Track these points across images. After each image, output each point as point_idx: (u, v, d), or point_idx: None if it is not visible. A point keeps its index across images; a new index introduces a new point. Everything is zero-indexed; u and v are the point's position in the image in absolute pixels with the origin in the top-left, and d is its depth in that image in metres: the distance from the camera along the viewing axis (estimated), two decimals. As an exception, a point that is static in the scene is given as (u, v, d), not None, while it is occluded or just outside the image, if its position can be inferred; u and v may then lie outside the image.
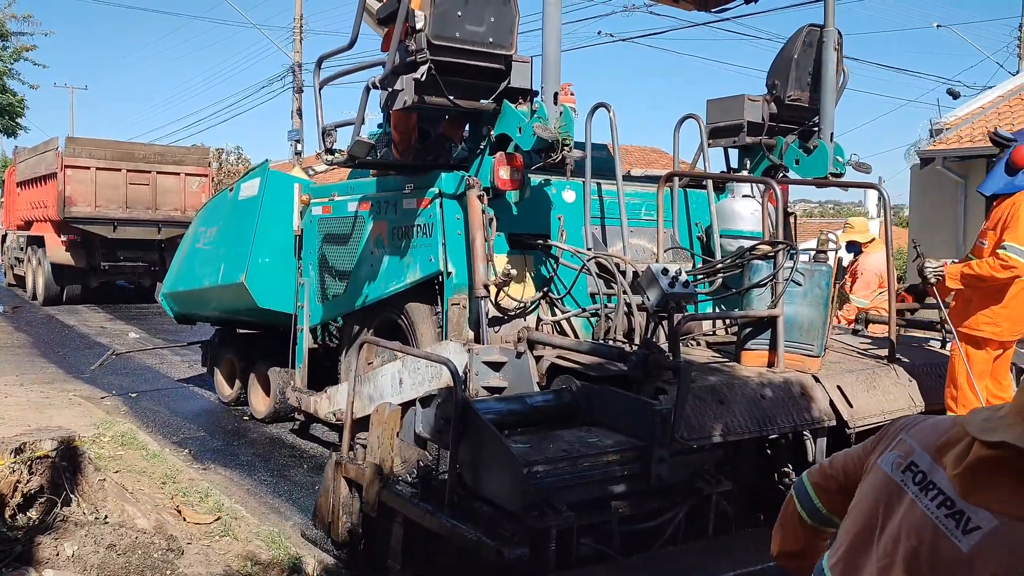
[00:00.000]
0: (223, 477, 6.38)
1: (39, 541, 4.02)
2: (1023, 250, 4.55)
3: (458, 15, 4.88)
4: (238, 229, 7.43)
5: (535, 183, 5.71)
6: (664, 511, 4.10)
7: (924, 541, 1.58)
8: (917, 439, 1.72)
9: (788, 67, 6.25)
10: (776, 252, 4.77)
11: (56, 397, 8.38)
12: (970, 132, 14.10)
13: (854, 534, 1.75)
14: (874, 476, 1.76)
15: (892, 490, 1.69)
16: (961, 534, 1.53)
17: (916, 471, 1.66)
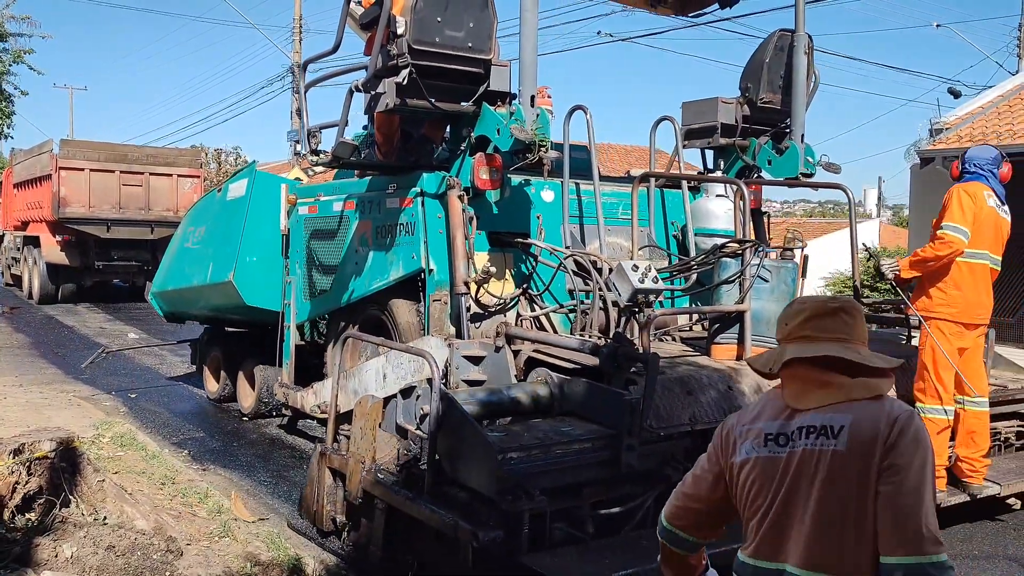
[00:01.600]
0: (222, 478, 6.36)
1: (38, 542, 4.03)
2: (958, 227, 4.92)
3: (438, 21, 5.05)
4: (226, 228, 7.57)
5: (515, 183, 5.89)
6: (634, 497, 4.29)
7: (820, 469, 1.93)
8: (750, 423, 2.08)
9: (760, 71, 6.46)
10: (744, 250, 4.96)
11: (55, 398, 8.41)
12: (970, 132, 13.98)
13: (761, 517, 2.02)
14: (747, 470, 2.05)
15: (770, 463, 2.01)
16: (834, 441, 1.93)
17: (772, 437, 2.02)
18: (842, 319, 2.04)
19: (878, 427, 1.89)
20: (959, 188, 5.05)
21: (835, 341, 2.00)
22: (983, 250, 5.02)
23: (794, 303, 2.18)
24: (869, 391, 1.96)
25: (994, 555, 5.03)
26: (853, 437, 1.90)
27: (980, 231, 4.97)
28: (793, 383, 2.04)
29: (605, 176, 6.92)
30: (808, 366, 2.01)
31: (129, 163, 17.62)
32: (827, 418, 1.94)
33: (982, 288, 5.05)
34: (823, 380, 1.99)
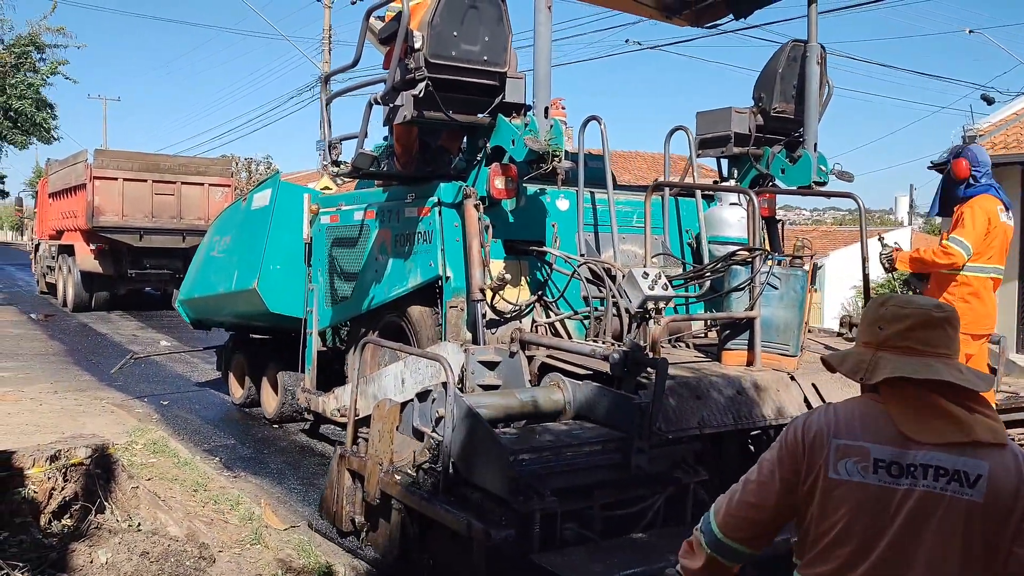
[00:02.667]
0: (253, 485, 6.47)
1: (73, 548, 4.09)
2: (963, 242, 5.02)
3: (454, 35, 5.20)
4: (251, 237, 7.77)
5: (530, 192, 6.01)
6: (644, 499, 4.39)
7: (948, 517, 1.79)
8: (849, 439, 1.88)
9: (773, 81, 6.55)
10: (753, 257, 5.05)
11: (89, 405, 8.56)
12: (1004, 139, 13.88)
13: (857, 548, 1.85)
14: (845, 491, 1.86)
15: (881, 494, 1.84)
16: (971, 491, 1.78)
17: (883, 465, 1.84)
18: (947, 332, 1.90)
19: (1017, 482, 1.79)
20: (978, 205, 5.10)
21: (941, 358, 1.87)
22: (993, 264, 5.09)
23: (888, 303, 1.98)
24: (994, 435, 1.84)
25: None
26: (992, 490, 1.78)
27: (991, 246, 5.05)
28: (903, 406, 1.87)
29: (620, 185, 7.04)
30: (915, 386, 1.86)
31: (161, 172, 17.99)
32: (961, 461, 1.80)
33: (989, 300, 5.13)
34: (941, 409, 1.85)
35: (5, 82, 17.26)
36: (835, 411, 1.95)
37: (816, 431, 1.92)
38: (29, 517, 4.51)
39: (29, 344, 13.19)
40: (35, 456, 4.79)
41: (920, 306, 1.95)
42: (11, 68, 17.44)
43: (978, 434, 1.82)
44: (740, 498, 2.03)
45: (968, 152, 5.19)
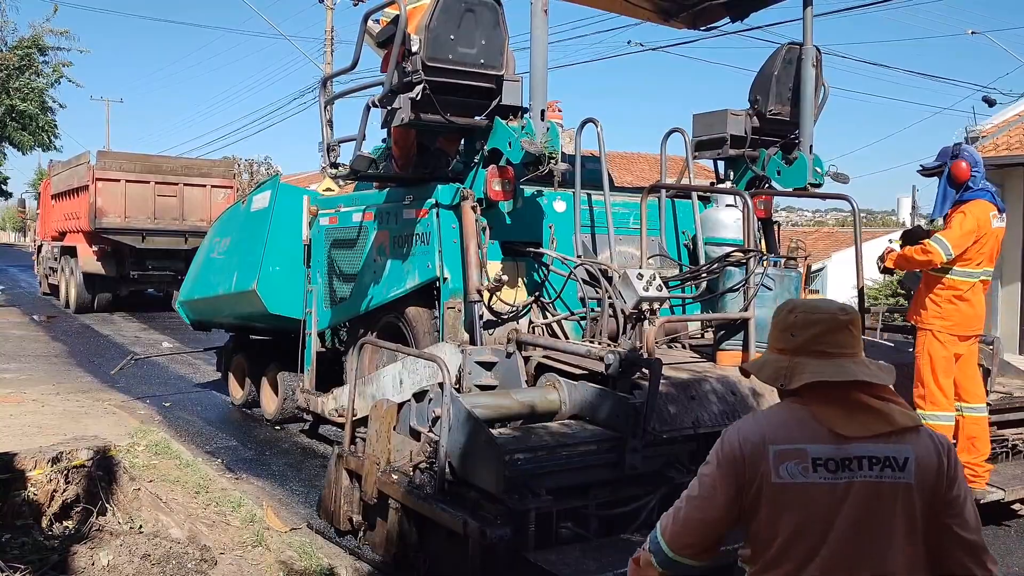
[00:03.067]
0: (255, 487, 6.46)
1: (75, 550, 4.06)
2: (944, 243, 5.04)
3: (451, 38, 5.24)
4: (250, 239, 7.81)
5: (528, 194, 6.05)
6: (638, 498, 4.43)
7: (894, 501, 1.93)
8: (786, 443, 1.96)
9: (769, 83, 6.59)
10: (748, 259, 5.09)
11: (91, 406, 8.54)
12: (1007, 140, 13.89)
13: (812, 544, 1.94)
14: (790, 494, 1.95)
15: (825, 491, 1.94)
16: (902, 474, 1.94)
17: (821, 463, 1.94)
18: (853, 333, 2.03)
19: (937, 460, 1.96)
20: (971, 211, 5.11)
21: (850, 357, 2.00)
22: (983, 268, 5.13)
23: (796, 310, 2.10)
24: (912, 420, 2.00)
25: (1002, 562, 5.11)
26: (919, 470, 1.94)
27: (981, 252, 5.08)
28: (828, 406, 1.98)
29: (617, 187, 7.08)
30: (834, 386, 1.97)
31: (164, 174, 18.05)
32: (890, 449, 1.94)
33: (978, 303, 5.17)
34: (863, 404, 1.98)
35: (9, 84, 17.29)
36: (766, 419, 2.05)
37: (754, 441, 1.99)
38: (31, 519, 4.51)
39: (31, 345, 13.23)
40: (37, 458, 4.78)
41: (827, 311, 2.07)
42: (15, 70, 17.46)
43: (899, 421, 1.97)
44: (686, 515, 2.08)
45: (965, 153, 5.21)
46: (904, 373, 5.34)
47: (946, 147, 5.29)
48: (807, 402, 2.00)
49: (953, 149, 5.23)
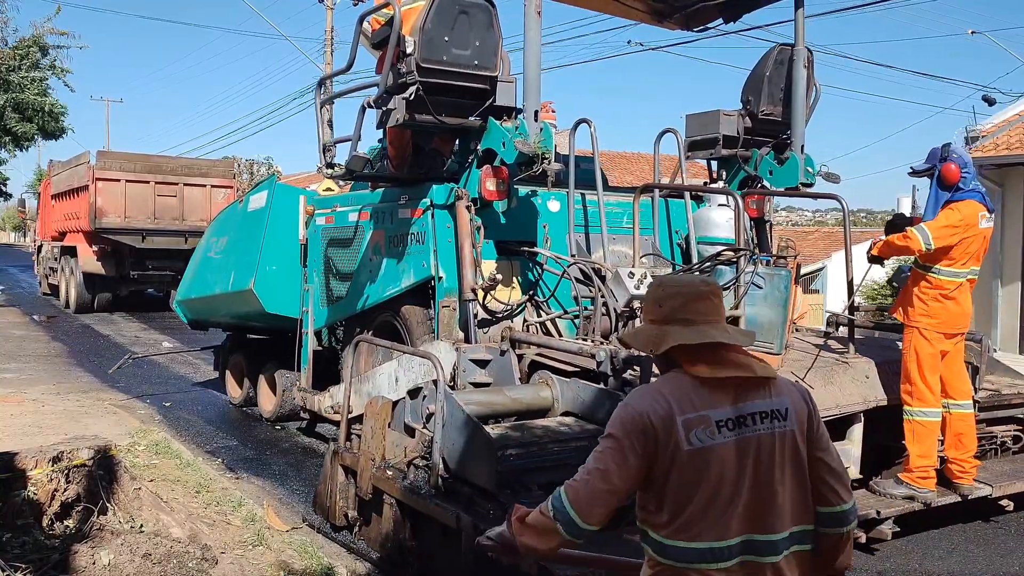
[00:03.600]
0: (256, 487, 6.45)
1: (76, 549, 4.06)
2: (925, 232, 5.08)
3: (445, 40, 5.31)
4: (247, 239, 7.87)
5: (522, 194, 6.12)
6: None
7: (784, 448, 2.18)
8: (690, 412, 2.14)
9: (760, 84, 6.66)
10: (738, 257, 5.16)
11: (92, 406, 8.55)
12: (1007, 139, 13.86)
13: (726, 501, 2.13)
14: (701, 458, 2.12)
15: (732, 449, 2.15)
16: (786, 423, 2.19)
17: (723, 423, 2.15)
18: (714, 302, 2.25)
19: (806, 404, 2.26)
20: (959, 209, 5.13)
21: (712, 324, 2.22)
22: (969, 268, 5.18)
23: (664, 284, 2.34)
24: (770, 372, 2.24)
25: (991, 555, 5.17)
26: (796, 417, 2.21)
27: (967, 252, 5.12)
28: (711, 366, 2.17)
29: (611, 187, 7.15)
30: (710, 351, 2.18)
31: (164, 174, 18.03)
32: (774, 402, 2.20)
33: (964, 301, 5.22)
34: (739, 363, 2.20)
35: (10, 77, 17.28)
36: (668, 391, 2.20)
37: (661, 413, 2.14)
38: (31, 518, 4.51)
39: (32, 345, 13.26)
40: (37, 457, 4.78)
41: (689, 283, 2.33)
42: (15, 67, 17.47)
43: (766, 373, 2.22)
44: (595, 487, 2.19)
45: (954, 155, 5.23)
46: (893, 369, 5.43)
47: (935, 148, 5.31)
48: (689, 370, 2.19)
49: (942, 151, 5.26)
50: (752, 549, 2.16)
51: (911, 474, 5.14)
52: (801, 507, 2.22)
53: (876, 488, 5.17)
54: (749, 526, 2.16)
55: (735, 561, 2.15)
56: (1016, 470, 5.80)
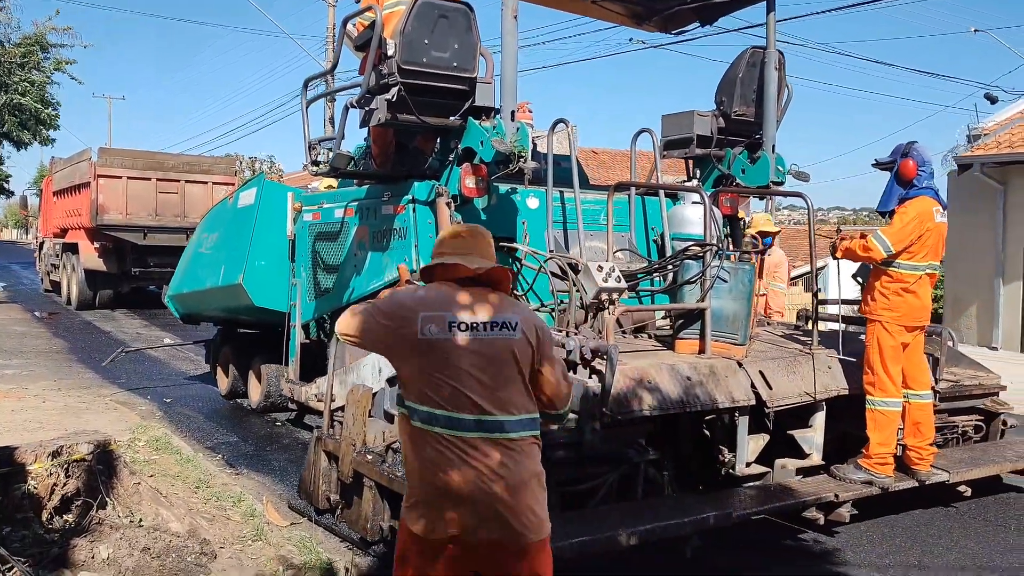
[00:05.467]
0: (255, 482, 6.53)
1: (75, 543, 4.08)
2: (884, 240, 5.30)
3: (425, 43, 5.51)
4: (237, 234, 8.08)
5: (502, 191, 6.32)
6: (597, 475, 4.72)
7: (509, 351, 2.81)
8: (432, 310, 2.82)
9: (733, 85, 6.87)
10: (704, 252, 5.37)
11: (93, 402, 8.60)
12: (1009, 138, 13.94)
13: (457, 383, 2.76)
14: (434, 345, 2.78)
15: (452, 344, 2.78)
16: (514, 332, 2.84)
17: (456, 324, 2.79)
18: (466, 240, 2.98)
19: (532, 325, 2.88)
20: (913, 207, 5.35)
21: (462, 255, 2.91)
22: (927, 262, 5.39)
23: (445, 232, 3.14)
24: (509, 298, 2.94)
25: (949, 539, 5.40)
26: (523, 330, 2.84)
27: (925, 245, 5.34)
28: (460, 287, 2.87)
29: (590, 185, 7.36)
30: (452, 270, 2.90)
31: (165, 171, 18.12)
32: (505, 316, 2.84)
33: (924, 295, 5.43)
34: (474, 280, 2.90)
35: (10, 79, 17.42)
36: (423, 293, 2.92)
37: (410, 306, 2.85)
38: (31, 512, 4.54)
39: (33, 342, 13.38)
40: (37, 452, 4.80)
41: (453, 227, 3.25)
42: (16, 66, 17.61)
43: (503, 297, 2.91)
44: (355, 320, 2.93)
45: (915, 153, 5.44)
46: (857, 362, 5.65)
47: (900, 144, 5.54)
48: (447, 285, 2.90)
49: (905, 147, 5.48)
50: (481, 427, 2.74)
51: (870, 460, 5.37)
52: (515, 402, 2.80)
53: (836, 473, 5.39)
54: (472, 407, 2.75)
55: (464, 432, 2.74)
56: (974, 458, 6.04)
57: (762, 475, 5.34)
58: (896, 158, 5.48)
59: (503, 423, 2.77)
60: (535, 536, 2.81)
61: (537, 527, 2.81)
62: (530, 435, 2.85)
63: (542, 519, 2.84)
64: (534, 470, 2.84)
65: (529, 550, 2.82)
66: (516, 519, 2.75)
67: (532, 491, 2.81)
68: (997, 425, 6.56)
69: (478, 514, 2.74)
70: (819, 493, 5.15)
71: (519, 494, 2.77)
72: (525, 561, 2.83)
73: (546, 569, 2.89)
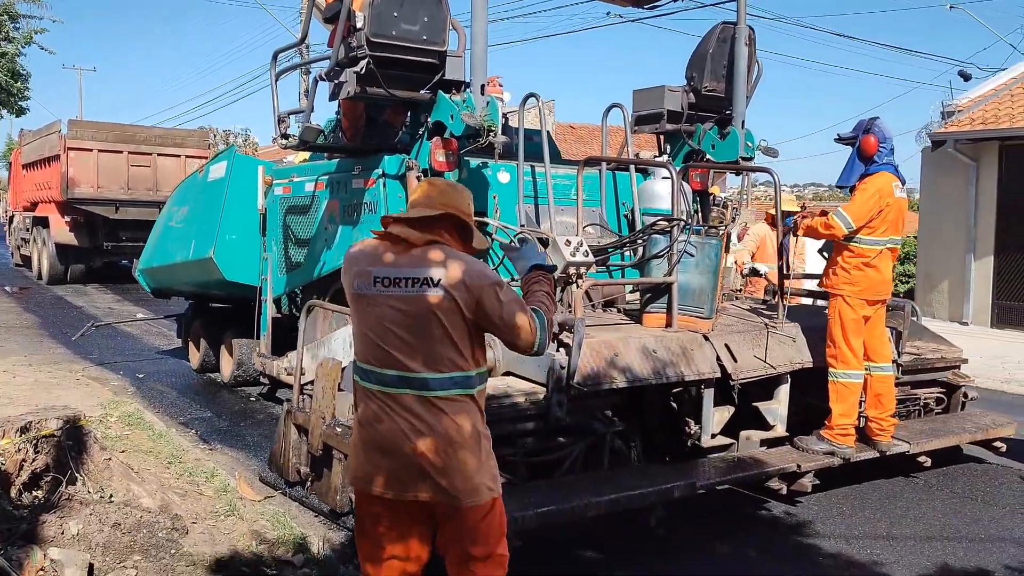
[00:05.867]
0: (229, 457, 6.47)
1: (44, 519, 4.03)
2: (845, 217, 5.39)
3: (394, 15, 5.49)
4: (207, 208, 8.03)
5: (473, 165, 6.33)
6: (563, 447, 4.79)
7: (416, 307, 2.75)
8: (363, 265, 2.84)
9: (704, 61, 6.90)
10: (671, 227, 5.42)
11: (64, 378, 8.52)
12: (982, 115, 14.04)
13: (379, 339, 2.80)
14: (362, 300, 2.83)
15: (370, 299, 2.80)
16: (433, 287, 2.75)
17: (379, 279, 2.79)
18: (426, 193, 2.94)
19: (458, 279, 2.74)
20: (872, 184, 5.43)
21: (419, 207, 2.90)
22: (888, 236, 5.48)
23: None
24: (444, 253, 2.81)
25: (919, 511, 5.48)
26: (446, 285, 2.74)
27: (885, 220, 5.42)
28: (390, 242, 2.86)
29: (562, 160, 7.39)
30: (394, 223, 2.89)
31: (137, 144, 17.84)
32: (428, 271, 2.76)
33: (884, 269, 5.52)
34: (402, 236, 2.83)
35: None
36: (359, 249, 2.94)
37: (348, 258, 2.93)
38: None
39: (3, 317, 13.20)
40: (5, 427, 4.70)
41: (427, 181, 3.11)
42: None
43: (431, 251, 2.80)
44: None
45: (876, 129, 5.51)
46: (820, 334, 5.74)
47: (862, 120, 5.60)
48: (380, 239, 2.90)
49: (867, 123, 5.55)
50: (406, 383, 2.76)
51: (832, 431, 5.48)
52: (441, 358, 2.76)
53: (799, 444, 5.50)
54: (393, 361, 2.77)
55: (390, 388, 2.78)
56: (934, 429, 6.18)
57: (727, 446, 5.43)
58: (858, 134, 5.54)
59: (427, 380, 2.75)
60: (468, 500, 2.78)
61: (469, 490, 2.78)
62: (459, 393, 2.79)
63: (477, 483, 2.79)
64: (464, 429, 2.79)
65: (464, 514, 2.80)
66: (443, 478, 2.75)
67: (461, 451, 2.77)
68: (958, 398, 6.70)
69: (404, 471, 2.76)
70: (782, 464, 5.25)
71: (444, 453, 2.74)
72: (457, 524, 2.82)
73: (485, 537, 2.86)
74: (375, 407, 2.81)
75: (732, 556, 4.75)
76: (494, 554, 2.89)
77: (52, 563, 3.64)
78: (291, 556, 4.36)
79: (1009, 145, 13.67)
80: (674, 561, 4.66)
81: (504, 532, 2.95)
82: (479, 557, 2.86)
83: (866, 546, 4.87)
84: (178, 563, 4.03)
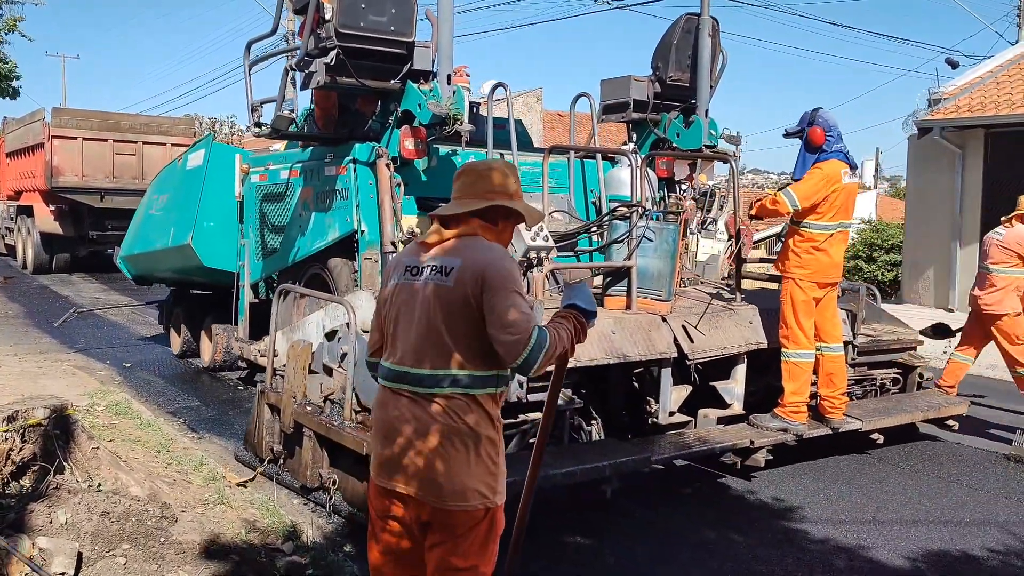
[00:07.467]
0: (217, 446, 6.43)
1: (32, 508, 4.00)
2: (791, 195, 5.61)
3: (362, 7, 5.65)
4: (186, 196, 8.18)
5: (443, 153, 6.51)
6: (521, 424, 4.99)
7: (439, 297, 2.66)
8: (402, 256, 2.86)
9: (668, 51, 7.09)
10: (631, 213, 5.62)
11: (50, 367, 8.46)
12: (968, 102, 14.07)
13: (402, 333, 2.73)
14: (394, 295, 2.78)
15: (405, 287, 2.75)
16: (444, 277, 2.67)
17: (409, 268, 2.76)
18: (460, 181, 2.87)
19: (472, 271, 2.62)
20: (821, 171, 5.62)
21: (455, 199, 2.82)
22: (838, 220, 5.68)
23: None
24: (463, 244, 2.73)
25: (904, 496, 5.55)
26: (457, 278, 2.64)
27: (834, 205, 5.62)
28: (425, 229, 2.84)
29: (532, 148, 7.57)
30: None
31: (122, 132, 17.70)
32: (444, 260, 2.69)
33: (835, 253, 5.72)
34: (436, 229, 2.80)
35: None
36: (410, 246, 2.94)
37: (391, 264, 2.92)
38: None
39: (-12, 307, 13.15)
40: None
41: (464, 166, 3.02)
42: None
43: (460, 241, 2.72)
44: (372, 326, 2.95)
45: (820, 120, 5.71)
46: (776, 317, 5.95)
47: (806, 113, 5.80)
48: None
49: (810, 116, 5.75)
50: (405, 379, 2.69)
51: (785, 409, 5.69)
52: (442, 353, 2.64)
53: (754, 422, 5.72)
54: (402, 356, 2.71)
55: (386, 381, 2.76)
56: (887, 407, 6.41)
57: (685, 424, 5.65)
58: (804, 127, 5.74)
59: (422, 376, 2.65)
60: (453, 502, 2.59)
61: (454, 492, 2.59)
62: (458, 392, 2.63)
63: (464, 485, 2.59)
64: (460, 429, 2.61)
65: (451, 518, 2.61)
66: (427, 473, 2.60)
67: (450, 452, 2.60)
68: (914, 378, 6.94)
69: (392, 460, 2.67)
70: (736, 440, 5.46)
71: (433, 452, 2.60)
72: (442, 528, 2.63)
73: (469, 548, 2.63)
74: (382, 395, 2.79)
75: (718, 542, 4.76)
76: (477, 570, 2.65)
77: (40, 552, 3.67)
78: (281, 543, 4.43)
79: (994, 132, 13.72)
80: (662, 547, 4.64)
81: (494, 552, 2.73)
82: (459, 569, 2.62)
83: (853, 530, 4.92)
84: (167, 551, 4.03)
